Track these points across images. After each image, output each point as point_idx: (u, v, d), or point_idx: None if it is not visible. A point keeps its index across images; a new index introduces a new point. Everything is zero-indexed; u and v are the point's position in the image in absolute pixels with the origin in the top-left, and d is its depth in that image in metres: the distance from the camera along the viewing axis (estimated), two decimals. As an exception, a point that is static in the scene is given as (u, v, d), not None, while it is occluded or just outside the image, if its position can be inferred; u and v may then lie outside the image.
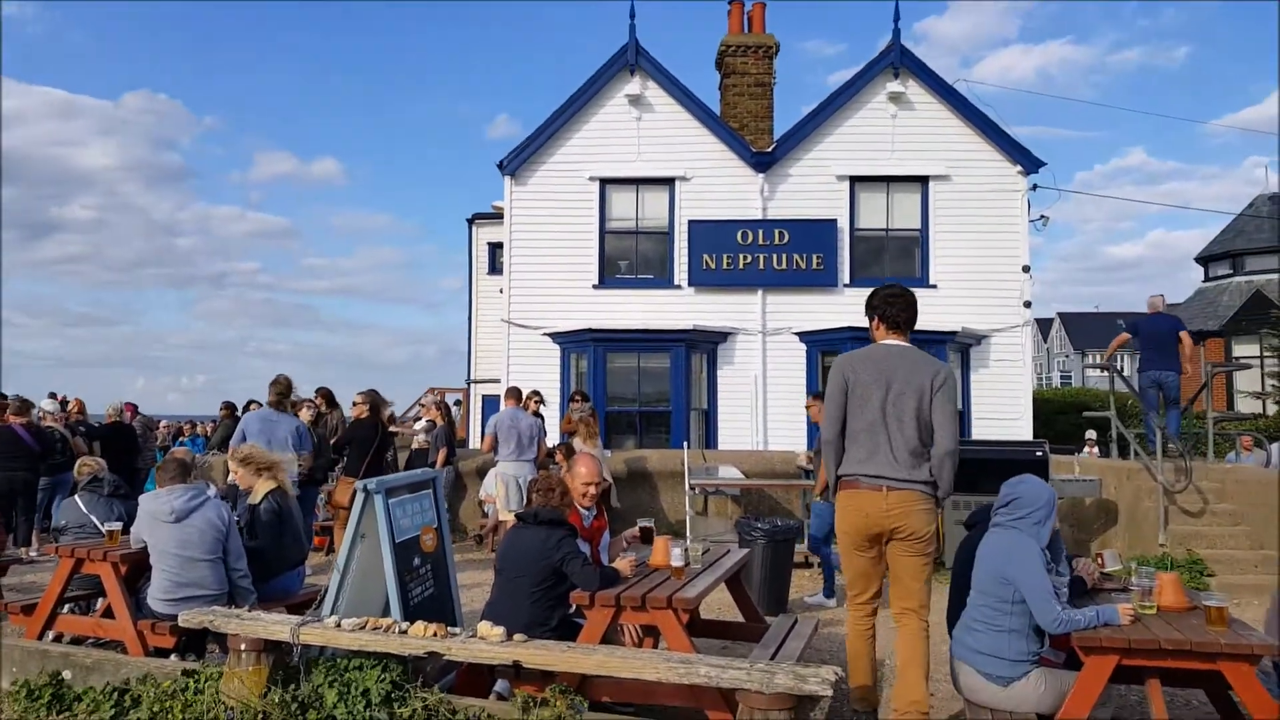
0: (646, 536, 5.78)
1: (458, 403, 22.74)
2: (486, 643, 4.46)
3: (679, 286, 15.10)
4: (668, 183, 15.31)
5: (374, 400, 9.48)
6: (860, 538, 4.47)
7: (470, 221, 23.52)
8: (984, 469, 8.33)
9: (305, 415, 9.98)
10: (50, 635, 6.02)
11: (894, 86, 15.01)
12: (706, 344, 14.85)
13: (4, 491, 9.89)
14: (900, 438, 4.33)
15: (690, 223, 15.05)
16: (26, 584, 8.26)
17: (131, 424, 12.66)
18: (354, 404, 10.50)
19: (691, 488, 10.24)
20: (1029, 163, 14.98)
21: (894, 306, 4.56)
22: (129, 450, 11.92)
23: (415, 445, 11.34)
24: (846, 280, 14.95)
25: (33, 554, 9.90)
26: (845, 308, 14.52)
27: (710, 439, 14.59)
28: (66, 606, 6.38)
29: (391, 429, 11.27)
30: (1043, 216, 15.83)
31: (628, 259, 15.57)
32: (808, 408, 9.24)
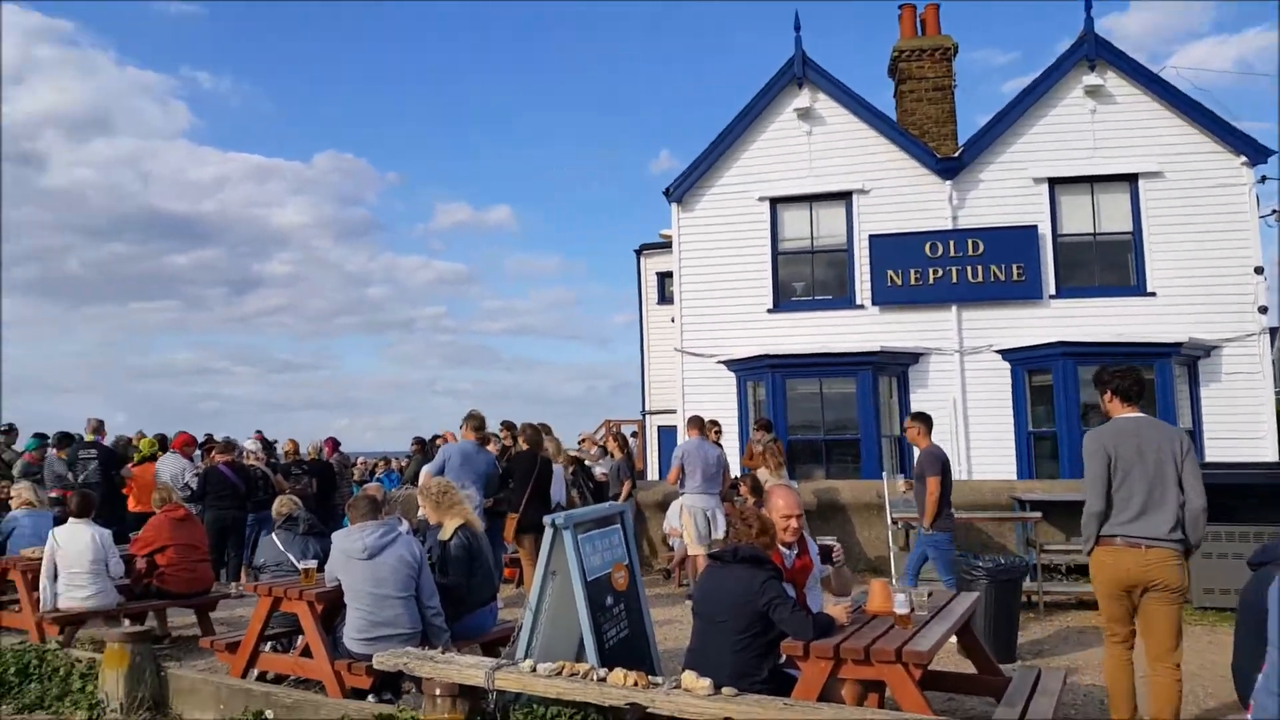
0: (825, 556, 5.21)
1: (634, 434, 22.64)
2: (693, 695, 4.07)
3: (861, 306, 14.33)
4: (844, 197, 14.64)
5: (534, 432, 9.27)
6: (1119, 589, 4.89)
7: (638, 252, 23.53)
8: (1230, 496, 7.52)
9: (492, 448, 9.98)
10: (254, 673, 6.04)
11: (1090, 80, 13.81)
12: (896, 366, 14.00)
13: (215, 529, 10.34)
14: (1161, 501, 4.79)
15: (871, 238, 14.30)
16: (236, 618, 8.50)
17: (329, 461, 13.09)
18: (501, 435, 10.38)
19: (893, 521, 9.48)
20: (1254, 153, 13.37)
21: (1126, 380, 5.03)
22: (328, 486, 12.31)
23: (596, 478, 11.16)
24: (1052, 290, 13.72)
25: (241, 589, 10.28)
26: (1052, 320, 13.33)
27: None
28: (268, 644, 6.43)
29: (574, 455, 11.12)
30: (1274, 211, 14.13)
31: (803, 280, 14.96)
32: (906, 429, 8.51)
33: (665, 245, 20.04)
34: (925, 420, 8.16)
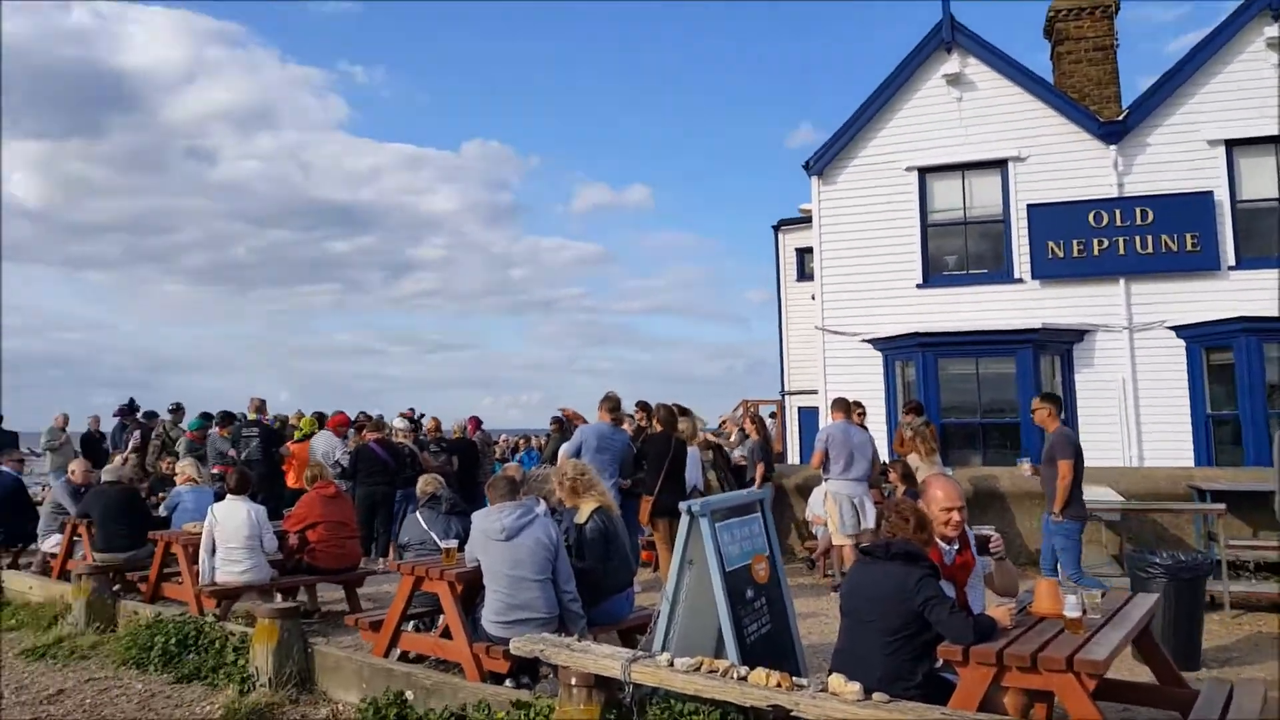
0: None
1: (772, 415, 22.20)
2: (841, 700, 3.80)
3: (1020, 280, 13.46)
4: (998, 165, 13.76)
5: (667, 413, 9.05)
6: None
7: (776, 228, 22.95)
8: None
9: (626, 429, 9.87)
10: (396, 653, 6.11)
11: (1274, 31, 12.47)
12: (1059, 344, 13.08)
13: (365, 505, 10.65)
14: None
15: (1029, 207, 13.39)
16: (382, 594, 8.70)
17: (473, 439, 13.32)
18: (635, 416, 10.18)
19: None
20: None
21: None
22: (471, 464, 12.53)
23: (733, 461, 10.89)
24: (1231, 262, 12.50)
25: (387, 565, 10.57)
26: (1232, 294, 12.18)
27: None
28: (410, 623, 6.50)
29: (712, 438, 10.90)
30: None
31: (955, 253, 14.19)
32: (1034, 410, 7.92)
33: (804, 220, 19.46)
34: (1055, 401, 7.81)
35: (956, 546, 4.65)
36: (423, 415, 13.53)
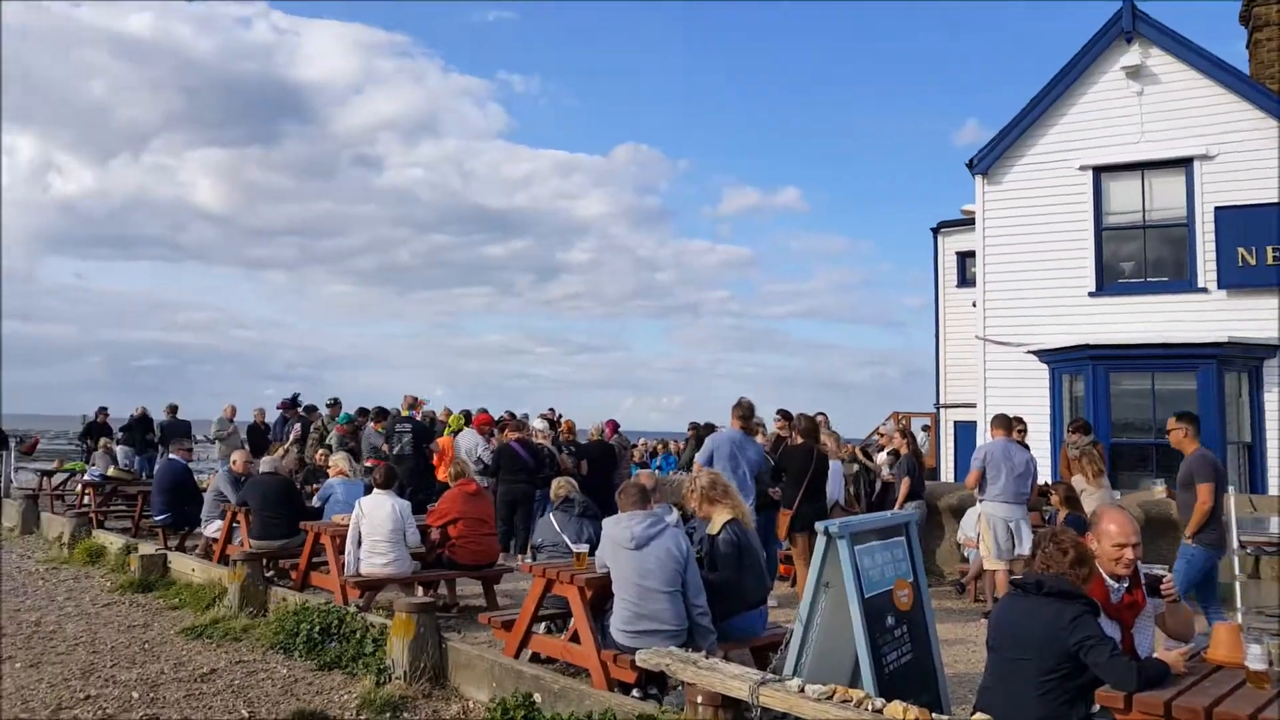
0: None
1: (925, 429, 21.28)
2: (986, 747, 3.45)
3: (1204, 289, 12.35)
4: (1182, 164, 12.68)
5: (808, 424, 8.71)
6: None
7: (935, 231, 21.95)
8: None
9: (761, 439, 9.62)
10: (526, 653, 6.10)
11: None
12: (1246, 360, 11.93)
13: (506, 502, 10.82)
14: None
15: (1217, 210, 12.27)
16: (519, 591, 8.77)
17: (610, 442, 13.33)
18: (775, 424, 9.82)
19: (1241, 544, 7.97)
20: None
21: None
22: (606, 467, 12.53)
23: (882, 479, 10.42)
24: None
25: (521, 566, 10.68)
26: None
27: (1257, 481, 11.65)
28: (542, 625, 6.49)
29: (858, 452, 10.49)
30: None
31: (1133, 259, 13.17)
32: (1169, 431, 7.42)
33: (966, 222, 18.53)
34: (1193, 421, 7.33)
35: (1126, 584, 4.21)
36: (561, 416, 13.66)
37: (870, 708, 3.93)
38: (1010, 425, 8.87)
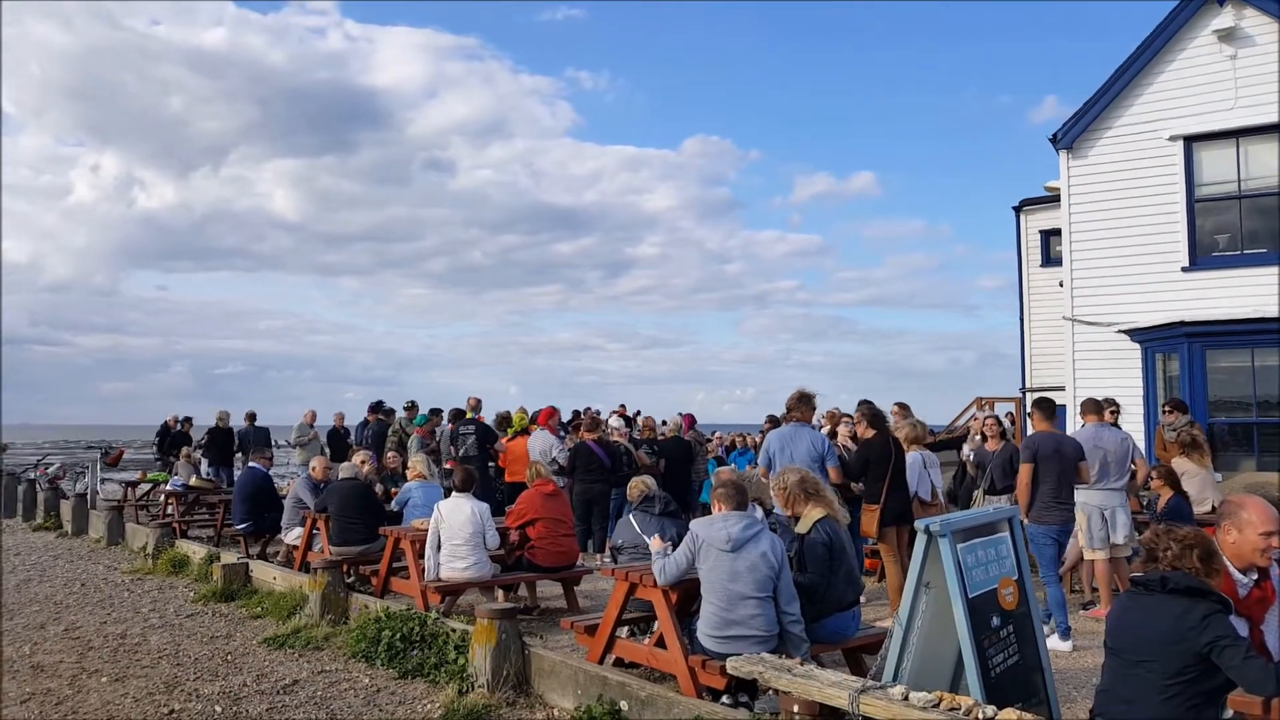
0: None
1: (1008, 415, 20.62)
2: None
3: (1305, 260, 11.66)
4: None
5: (872, 413, 8.30)
6: None
7: (1017, 209, 21.21)
8: None
9: (843, 432, 9.31)
10: (610, 659, 5.97)
11: None
12: (1352, 332, 11.21)
13: (582, 502, 10.73)
14: None
15: (1319, 177, 11.56)
16: (599, 591, 8.67)
17: (686, 438, 13.15)
18: (854, 418, 9.43)
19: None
20: None
21: None
22: (684, 463, 12.36)
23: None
24: None
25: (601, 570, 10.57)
26: None
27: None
28: (625, 628, 6.34)
29: (943, 439, 10.13)
30: None
31: (1228, 231, 12.48)
32: None
33: (1050, 199, 17.87)
34: None
35: (1255, 577, 3.88)
36: (638, 413, 13.50)
37: (981, 716, 3.69)
38: (1100, 409, 8.43)
